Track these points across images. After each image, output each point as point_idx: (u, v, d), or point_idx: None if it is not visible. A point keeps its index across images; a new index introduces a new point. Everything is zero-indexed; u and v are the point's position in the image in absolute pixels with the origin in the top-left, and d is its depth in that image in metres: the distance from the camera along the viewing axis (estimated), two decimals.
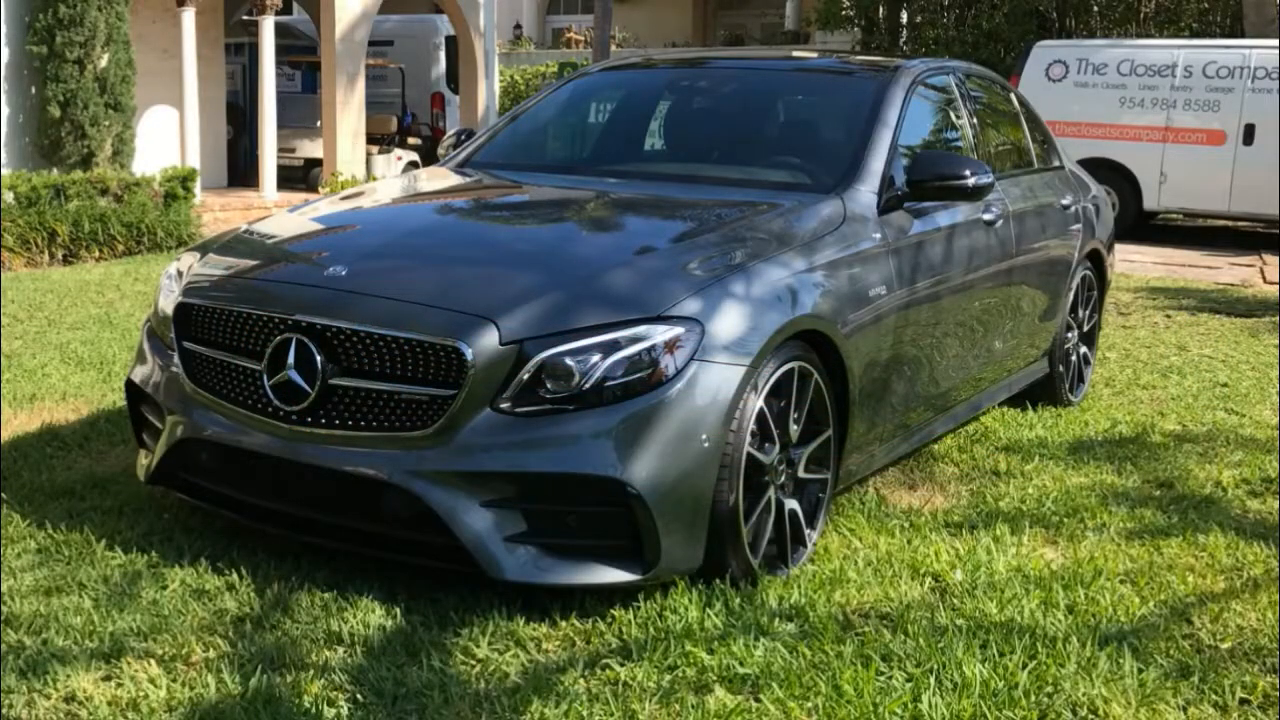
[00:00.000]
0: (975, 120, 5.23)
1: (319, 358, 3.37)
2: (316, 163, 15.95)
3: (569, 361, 3.22)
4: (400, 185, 5.43)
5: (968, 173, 4.25)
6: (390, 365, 3.32)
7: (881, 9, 21.35)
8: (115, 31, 11.94)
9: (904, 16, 21.58)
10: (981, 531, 4.03)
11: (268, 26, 14.22)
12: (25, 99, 12.12)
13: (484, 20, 17.51)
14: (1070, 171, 6.18)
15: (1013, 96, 6.03)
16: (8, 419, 5.14)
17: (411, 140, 17.79)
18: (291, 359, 3.41)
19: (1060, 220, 5.61)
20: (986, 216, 4.79)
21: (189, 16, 13.35)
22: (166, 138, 14.20)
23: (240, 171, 16.13)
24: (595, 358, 3.23)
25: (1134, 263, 11.32)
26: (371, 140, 16.31)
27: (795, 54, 6.72)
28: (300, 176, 16.23)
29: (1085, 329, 6.06)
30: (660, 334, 3.27)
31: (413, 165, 16.74)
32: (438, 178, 5.03)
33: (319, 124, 15.78)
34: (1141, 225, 13.61)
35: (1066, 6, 19.72)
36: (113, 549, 3.67)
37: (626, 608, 3.31)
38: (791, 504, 3.64)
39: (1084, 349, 6.09)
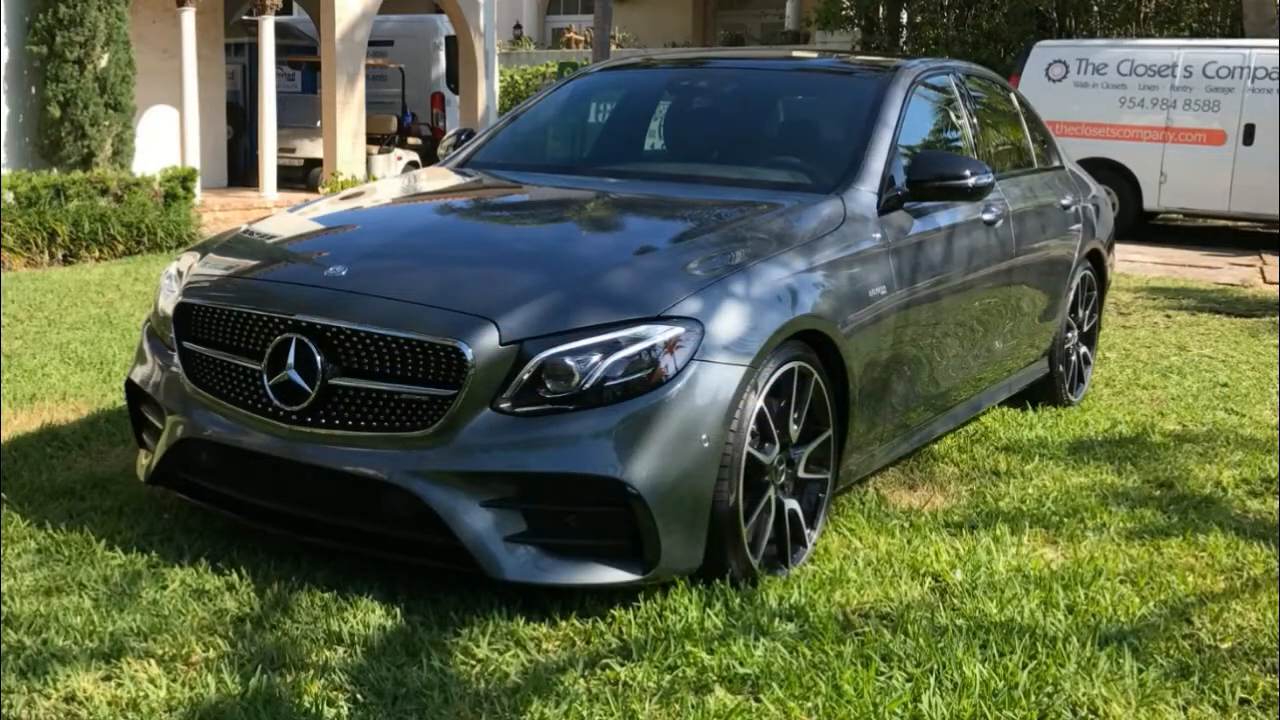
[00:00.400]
0: (975, 120, 5.23)
1: (319, 358, 3.37)
2: (316, 163, 15.96)
3: (569, 361, 3.22)
4: (400, 185, 5.43)
5: (968, 173, 4.25)
6: (390, 365, 3.32)
7: (881, 9, 21.36)
8: (115, 31, 11.94)
9: (904, 16, 21.59)
10: (981, 531, 4.03)
11: (268, 26, 14.22)
12: (25, 99, 12.12)
13: (484, 20, 17.51)
14: (1070, 171, 6.18)
15: (1013, 96, 6.02)
16: (8, 419, 5.14)
17: (411, 140, 17.80)
18: (291, 359, 3.41)
19: (1060, 220, 5.61)
20: (986, 216, 4.79)
21: (189, 16, 13.35)
22: (166, 138, 14.21)
23: (240, 171, 16.13)
24: (595, 358, 3.23)
25: (1134, 263, 11.32)
26: (371, 140, 16.31)
27: (795, 54, 6.72)
28: (300, 176, 16.23)
29: (1085, 329, 6.06)
30: (660, 334, 3.27)
31: (413, 165, 16.74)
32: (438, 178, 5.03)
33: (319, 124, 15.78)
34: (1141, 225, 13.61)
35: (1066, 6, 19.73)
36: (113, 549, 3.67)
37: (626, 608, 3.31)
38: (791, 504, 3.64)
39: (1084, 349, 6.09)
